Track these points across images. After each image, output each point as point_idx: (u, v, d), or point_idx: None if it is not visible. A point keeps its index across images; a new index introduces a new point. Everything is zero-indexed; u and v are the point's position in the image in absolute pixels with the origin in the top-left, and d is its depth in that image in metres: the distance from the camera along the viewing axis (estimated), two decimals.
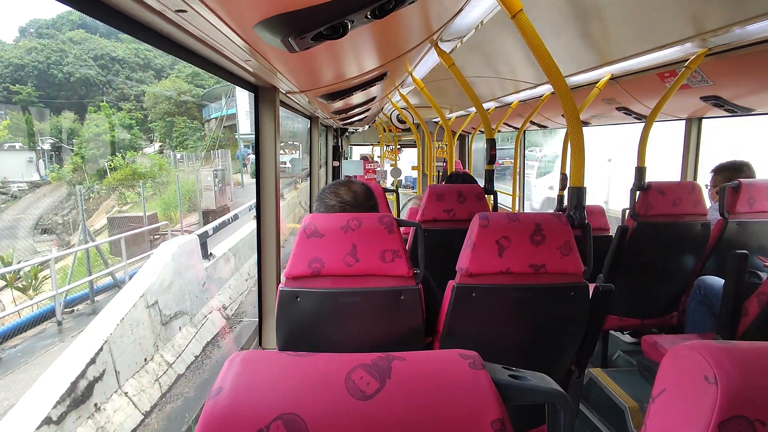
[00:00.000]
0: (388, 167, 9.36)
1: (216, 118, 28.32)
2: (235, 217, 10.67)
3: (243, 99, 26.29)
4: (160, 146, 32.04)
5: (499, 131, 5.61)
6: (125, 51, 38.13)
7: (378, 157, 10.61)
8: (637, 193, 2.42)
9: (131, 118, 31.16)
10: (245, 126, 27.07)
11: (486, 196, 2.40)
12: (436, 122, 7.88)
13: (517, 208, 5.50)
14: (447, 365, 0.59)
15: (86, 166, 25.73)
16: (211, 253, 7.66)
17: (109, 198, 21.51)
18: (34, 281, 11.00)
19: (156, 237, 14.57)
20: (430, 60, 2.67)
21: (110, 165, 24.22)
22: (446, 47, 2.32)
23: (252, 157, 26.85)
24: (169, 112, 31.63)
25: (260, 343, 2.21)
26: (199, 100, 32.03)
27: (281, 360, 0.59)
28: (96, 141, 26.66)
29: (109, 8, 0.86)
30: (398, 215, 5.90)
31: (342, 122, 5.83)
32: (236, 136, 27.94)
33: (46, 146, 29.53)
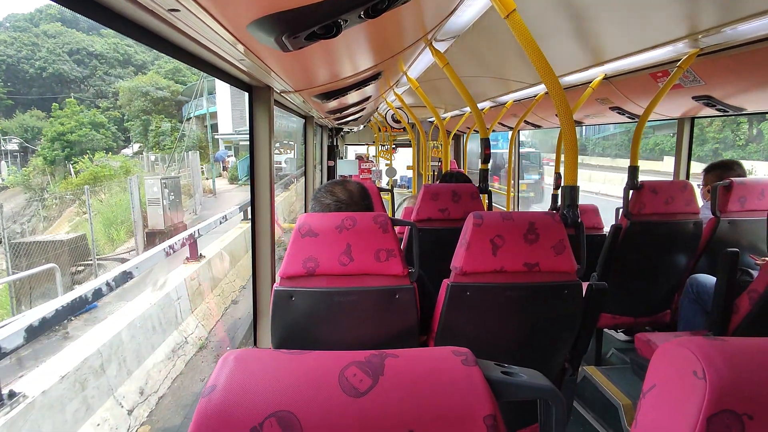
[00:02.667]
0: (383, 167, 9.36)
1: (195, 116, 25.99)
2: (123, 280, 5.41)
3: (224, 96, 24.21)
4: (140, 147, 29.77)
5: (493, 131, 5.63)
6: (104, 46, 36.18)
7: (373, 156, 10.60)
8: (630, 192, 2.44)
9: (108, 117, 29.17)
10: (226, 125, 24.81)
11: (480, 195, 2.40)
12: (431, 122, 7.90)
13: (511, 207, 5.52)
14: (440, 362, 0.60)
15: (49, 169, 23.31)
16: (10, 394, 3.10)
17: (74, 204, 18.00)
18: None
19: (79, 270, 10.77)
20: (424, 59, 2.68)
21: (75, 168, 21.23)
22: (440, 47, 2.32)
23: (232, 159, 24.58)
24: (144, 109, 29.42)
25: (255, 343, 2.21)
26: (178, 97, 29.65)
27: (274, 358, 0.60)
28: (60, 141, 24.39)
29: (101, 7, 0.86)
30: (393, 214, 5.90)
31: (337, 122, 5.83)
32: (215, 136, 25.50)
33: (12, 146, 27.45)
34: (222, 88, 24.20)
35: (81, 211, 16.96)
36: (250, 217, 10.21)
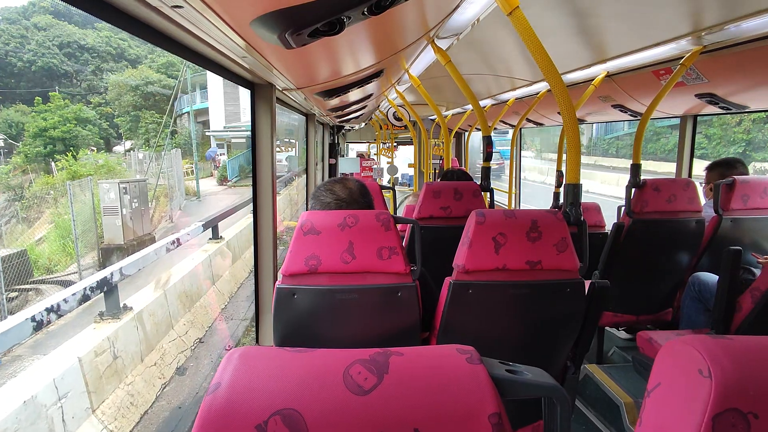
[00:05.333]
0: (384, 165, 9.35)
1: (188, 113, 23.80)
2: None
3: (216, 91, 23.28)
4: (132, 144, 28.14)
5: (495, 128, 5.62)
6: (96, 39, 34.64)
7: (374, 154, 10.59)
8: (633, 190, 2.43)
9: (99, 113, 28.00)
10: (218, 122, 23.78)
11: (482, 193, 2.40)
12: (433, 119, 7.88)
13: (513, 205, 5.51)
14: (444, 360, 0.60)
15: (30, 167, 21.58)
16: None
17: (56, 205, 16.28)
18: None
19: (11, 297, 8.46)
20: (426, 57, 2.67)
21: (58, 166, 19.35)
22: (443, 44, 2.32)
23: (223, 158, 23.47)
24: (135, 105, 27.80)
25: (257, 341, 2.21)
26: (171, 92, 26.60)
27: (279, 356, 0.60)
28: (42, 137, 22.75)
29: (105, 4, 0.86)
30: (395, 212, 5.91)
31: (338, 119, 5.83)
32: (207, 133, 24.50)
33: None
34: (214, 83, 23.24)
35: (59, 213, 15.03)
36: (219, 236, 8.99)
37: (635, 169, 2.48)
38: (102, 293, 4.90)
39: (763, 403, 0.54)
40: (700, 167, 3.18)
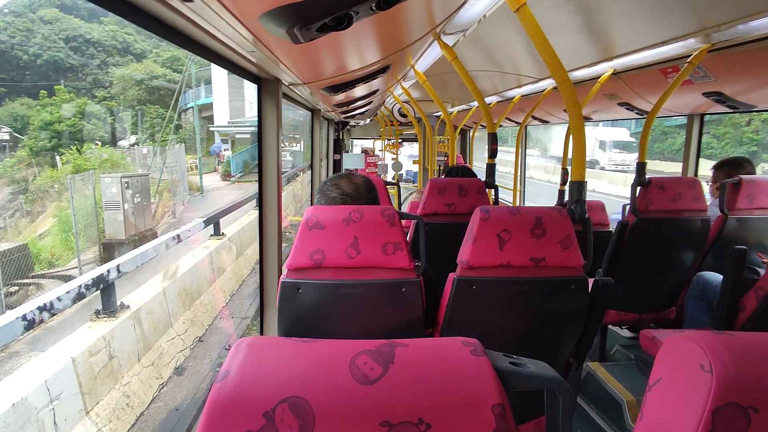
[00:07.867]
0: (389, 161, 9.35)
1: (192, 108, 23.72)
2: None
3: (221, 86, 23.17)
4: (136, 139, 27.46)
5: (500, 125, 5.61)
6: (101, 33, 34.49)
7: (379, 150, 10.58)
8: (638, 188, 2.43)
9: (105, 107, 27.41)
10: (222, 117, 23.69)
11: (487, 190, 2.40)
12: (438, 116, 7.87)
13: (517, 202, 5.51)
14: (449, 352, 0.61)
15: (35, 160, 21.21)
16: None
17: (59, 199, 15.66)
18: None
19: (12, 292, 8.49)
20: (432, 53, 2.67)
21: (63, 159, 19.19)
22: (449, 40, 2.32)
23: (227, 153, 23.31)
24: (139, 99, 27.79)
25: (261, 334, 2.22)
26: (176, 87, 25.91)
27: (287, 345, 0.61)
28: (48, 131, 22.52)
29: None
30: (399, 208, 5.90)
31: (343, 115, 5.83)
32: (211, 128, 24.33)
33: (3, 136, 25.54)
34: (219, 78, 23.20)
35: (62, 207, 14.39)
36: (221, 232, 8.77)
37: (640, 167, 2.48)
38: (98, 291, 4.78)
39: (763, 397, 0.54)
40: (707, 167, 3.17)
